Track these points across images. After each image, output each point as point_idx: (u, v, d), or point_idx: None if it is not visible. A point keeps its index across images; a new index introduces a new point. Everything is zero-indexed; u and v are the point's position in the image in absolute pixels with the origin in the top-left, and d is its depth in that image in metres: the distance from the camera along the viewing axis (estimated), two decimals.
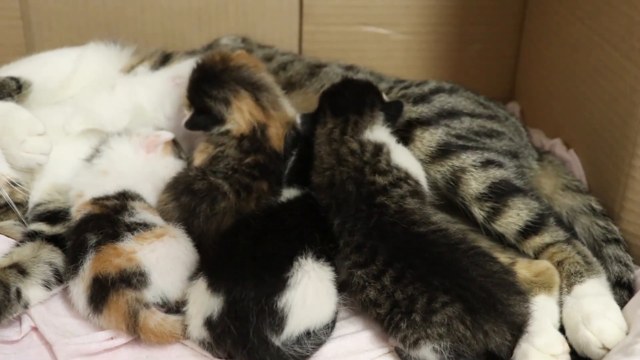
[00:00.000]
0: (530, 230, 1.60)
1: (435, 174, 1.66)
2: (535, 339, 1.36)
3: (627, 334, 1.42)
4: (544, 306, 1.47)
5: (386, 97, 1.75)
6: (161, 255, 1.51)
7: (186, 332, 1.46)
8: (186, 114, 1.77)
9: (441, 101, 1.81)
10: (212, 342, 1.39)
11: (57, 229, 1.68)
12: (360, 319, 1.56)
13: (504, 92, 2.40)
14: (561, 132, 2.04)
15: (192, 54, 2.08)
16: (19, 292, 1.53)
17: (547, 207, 1.70)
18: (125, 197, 1.65)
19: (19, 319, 1.55)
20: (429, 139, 1.69)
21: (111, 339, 1.48)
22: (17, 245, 1.64)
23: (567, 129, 2.01)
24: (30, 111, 1.72)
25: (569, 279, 1.53)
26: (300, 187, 1.62)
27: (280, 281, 1.36)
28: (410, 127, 1.72)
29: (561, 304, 1.50)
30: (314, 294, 1.39)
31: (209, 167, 1.69)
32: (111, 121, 1.85)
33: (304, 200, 1.59)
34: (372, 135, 1.62)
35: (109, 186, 1.67)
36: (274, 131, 1.74)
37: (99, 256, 1.50)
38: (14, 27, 2.18)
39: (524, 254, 1.61)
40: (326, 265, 1.44)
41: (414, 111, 1.75)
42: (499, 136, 1.80)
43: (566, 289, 1.52)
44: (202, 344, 1.42)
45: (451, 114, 1.78)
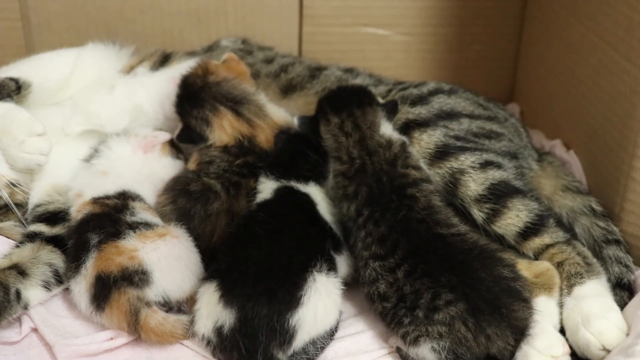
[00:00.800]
0: (529, 231, 1.59)
1: (434, 175, 1.65)
2: (535, 341, 1.36)
3: (627, 335, 1.42)
4: (544, 307, 1.46)
5: (381, 99, 1.75)
6: (163, 254, 1.52)
7: (187, 333, 1.47)
8: (178, 125, 1.79)
9: (440, 102, 1.80)
10: (219, 349, 1.39)
11: (57, 230, 1.68)
12: (360, 320, 1.56)
13: (503, 93, 2.40)
14: (561, 133, 2.04)
15: (191, 54, 2.08)
16: (18, 293, 1.53)
17: (547, 208, 1.70)
18: (125, 197, 1.65)
19: (19, 320, 1.55)
20: (427, 140, 1.69)
21: (111, 339, 1.48)
22: (17, 246, 1.64)
23: (567, 130, 2.01)
24: (29, 112, 1.72)
25: (569, 280, 1.53)
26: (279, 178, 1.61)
27: (294, 299, 1.36)
28: (408, 129, 1.71)
29: (561, 305, 1.50)
30: (323, 309, 1.40)
31: (203, 169, 1.70)
32: (110, 122, 1.85)
33: (295, 195, 1.59)
34: (388, 131, 1.63)
35: (108, 186, 1.68)
36: (264, 137, 1.75)
37: (101, 255, 1.50)
38: (13, 28, 2.18)
39: (523, 255, 1.61)
40: (333, 276, 1.45)
41: (412, 112, 1.74)
42: (498, 137, 1.80)
43: (566, 290, 1.52)
44: (206, 343, 1.41)
45: (450, 115, 1.77)
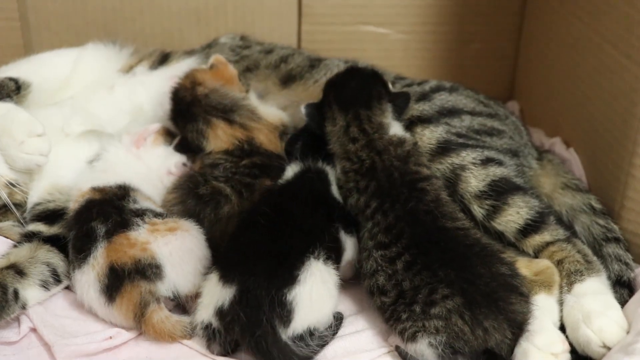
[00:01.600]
0: (530, 228, 1.59)
1: (435, 171, 1.66)
2: (535, 338, 1.36)
3: (628, 332, 1.42)
4: (544, 305, 1.46)
5: (392, 86, 1.75)
6: (175, 248, 1.52)
7: (186, 334, 1.47)
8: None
9: (442, 99, 1.81)
10: (221, 329, 1.40)
11: (55, 230, 1.68)
12: (360, 318, 1.55)
13: (503, 91, 2.40)
14: (561, 130, 2.04)
15: (190, 53, 2.08)
16: (16, 293, 1.53)
17: (547, 205, 1.69)
18: (125, 188, 1.65)
19: (18, 319, 1.54)
20: (429, 136, 1.69)
21: (110, 338, 1.48)
22: (15, 246, 1.64)
23: (567, 128, 2.01)
24: (29, 112, 1.72)
25: (569, 278, 1.52)
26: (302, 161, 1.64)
27: (291, 277, 1.39)
28: (411, 125, 1.72)
29: (561, 303, 1.50)
30: (318, 292, 1.42)
31: (210, 172, 1.70)
32: (110, 121, 1.86)
33: (308, 179, 1.61)
34: (399, 132, 1.64)
35: (108, 180, 1.68)
36: (263, 138, 1.76)
37: (112, 246, 1.50)
38: (12, 28, 2.18)
39: (523, 253, 1.60)
40: (331, 266, 1.46)
41: (416, 109, 1.75)
42: (499, 134, 1.80)
43: (566, 288, 1.51)
44: (207, 332, 1.42)
45: (452, 112, 1.78)
